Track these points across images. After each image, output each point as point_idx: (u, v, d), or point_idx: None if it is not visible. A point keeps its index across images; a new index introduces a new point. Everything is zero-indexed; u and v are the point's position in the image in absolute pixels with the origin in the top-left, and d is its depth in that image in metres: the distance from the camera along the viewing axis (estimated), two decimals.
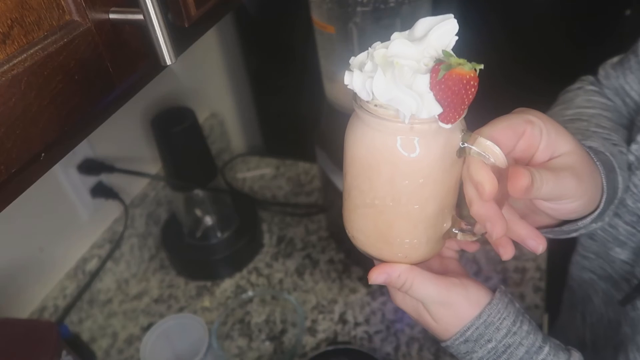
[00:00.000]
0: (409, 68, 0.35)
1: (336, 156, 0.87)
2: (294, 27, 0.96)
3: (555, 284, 0.87)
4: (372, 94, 0.35)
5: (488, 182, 0.38)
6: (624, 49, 0.64)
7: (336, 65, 0.80)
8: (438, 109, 0.35)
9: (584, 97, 0.63)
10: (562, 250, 0.72)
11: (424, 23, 0.36)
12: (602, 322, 0.69)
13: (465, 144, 0.39)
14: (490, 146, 0.38)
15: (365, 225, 0.43)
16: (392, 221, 0.41)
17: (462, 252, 0.53)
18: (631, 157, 0.56)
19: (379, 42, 0.37)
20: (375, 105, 0.37)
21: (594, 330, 0.71)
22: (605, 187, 0.46)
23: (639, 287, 0.58)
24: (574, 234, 0.49)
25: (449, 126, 0.36)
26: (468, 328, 0.44)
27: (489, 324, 0.44)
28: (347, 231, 0.46)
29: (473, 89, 0.34)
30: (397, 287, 0.44)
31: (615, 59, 0.67)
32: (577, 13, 0.97)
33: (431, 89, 0.34)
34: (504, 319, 0.44)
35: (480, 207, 0.39)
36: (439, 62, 0.34)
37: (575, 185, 0.42)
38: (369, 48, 0.37)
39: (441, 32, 0.35)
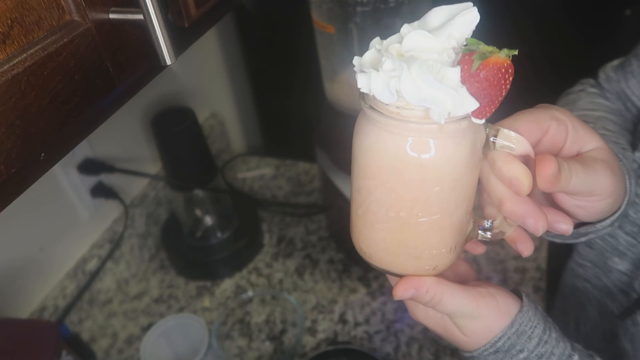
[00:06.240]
0: (435, 62, 0.31)
1: (336, 156, 0.87)
2: (294, 27, 0.96)
3: (553, 286, 0.87)
4: (398, 95, 0.32)
5: (525, 176, 0.35)
6: (624, 49, 0.64)
7: (336, 65, 0.80)
8: (474, 104, 0.31)
9: (588, 99, 0.62)
10: (561, 253, 0.71)
11: (441, 13, 0.33)
12: (596, 332, 0.67)
13: (493, 138, 0.36)
14: (515, 137, 0.36)
15: (385, 241, 0.39)
16: (421, 232, 0.38)
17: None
18: (634, 165, 0.55)
19: (378, 38, 0.35)
20: (397, 108, 0.33)
21: (587, 340, 0.69)
22: (628, 188, 0.44)
23: (638, 301, 0.56)
24: (582, 239, 0.47)
25: (482, 121, 0.33)
26: (499, 338, 0.41)
27: (521, 333, 0.41)
28: (359, 249, 0.42)
29: (511, 78, 0.31)
30: (424, 302, 0.41)
31: (615, 62, 0.65)
32: (577, 13, 0.97)
33: (463, 82, 0.31)
34: (535, 327, 0.41)
35: (516, 204, 0.36)
36: (468, 51, 0.31)
37: (610, 179, 0.39)
38: (377, 45, 0.34)
39: (462, 21, 0.32)
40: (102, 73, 0.34)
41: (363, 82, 0.33)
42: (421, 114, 0.33)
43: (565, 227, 0.40)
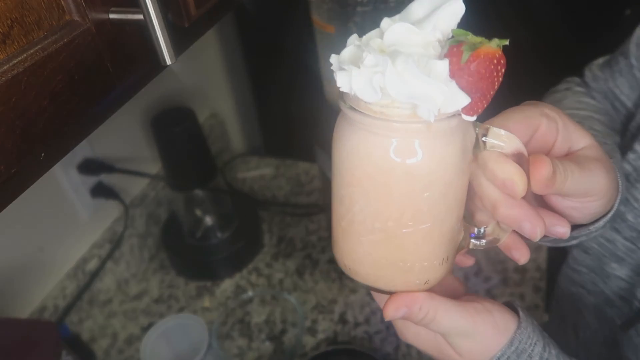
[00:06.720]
0: (421, 56, 0.29)
1: None
2: (294, 27, 0.96)
3: (553, 286, 0.87)
4: (383, 92, 0.29)
5: (519, 177, 0.33)
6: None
7: None
8: (466, 99, 0.29)
9: (574, 98, 0.60)
10: (561, 253, 0.71)
11: (423, 4, 0.31)
12: (596, 339, 0.65)
13: (483, 138, 0.33)
14: (506, 134, 0.33)
15: (372, 255, 0.36)
16: (411, 243, 0.35)
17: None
18: (628, 168, 0.53)
19: (355, 35, 0.32)
20: (382, 106, 0.30)
21: (587, 348, 0.67)
22: (621, 187, 0.41)
23: None
24: (573, 242, 0.45)
25: (473, 118, 0.31)
26: (498, 358, 0.38)
27: (521, 351, 0.38)
28: (342, 265, 0.39)
29: (503, 70, 0.29)
30: (416, 321, 0.37)
31: (600, 60, 0.64)
32: (576, 12, 0.97)
33: (452, 76, 0.29)
34: (535, 344, 0.39)
35: (511, 208, 0.34)
36: (456, 43, 0.29)
37: (605, 178, 0.37)
38: (355, 41, 0.32)
39: (447, 12, 0.30)
40: (102, 73, 0.34)
41: (343, 81, 0.31)
42: (408, 112, 0.30)
43: (562, 230, 0.38)
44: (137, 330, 0.93)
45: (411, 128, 0.31)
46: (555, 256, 0.86)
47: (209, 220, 1.01)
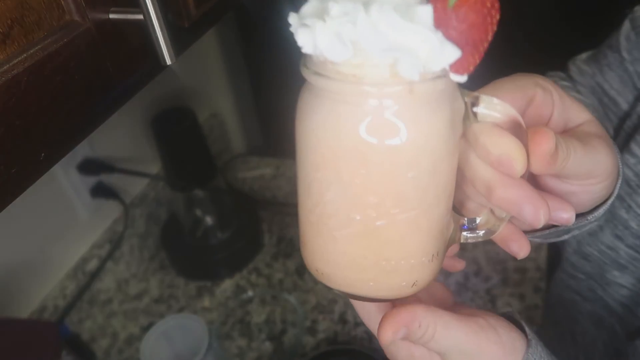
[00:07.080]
0: (398, 5, 0.24)
1: None
2: None
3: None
4: (355, 47, 0.24)
5: (517, 151, 0.27)
6: None
7: None
8: (455, 52, 0.24)
9: None
10: (560, 255, 0.71)
11: None
12: (596, 345, 0.63)
13: (473, 108, 0.28)
14: (499, 103, 0.28)
15: (349, 254, 0.30)
16: (395, 236, 0.29)
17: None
18: (629, 173, 0.51)
19: None
20: (353, 66, 0.25)
21: (588, 354, 0.65)
22: (621, 169, 0.36)
23: None
24: (565, 236, 0.40)
25: (464, 78, 0.26)
26: None
27: None
28: (313, 269, 0.33)
29: (498, 16, 0.24)
30: (414, 339, 0.32)
31: (584, 55, 0.62)
32: (576, 11, 0.97)
33: (438, 25, 0.24)
34: None
35: (509, 189, 0.29)
36: None
37: (610, 157, 0.32)
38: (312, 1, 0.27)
39: None
40: (102, 73, 0.34)
41: (305, 39, 0.25)
42: (385, 72, 0.24)
43: (567, 215, 0.32)
44: (137, 330, 0.93)
45: (390, 92, 0.25)
46: (556, 256, 0.86)
47: (209, 220, 1.01)
